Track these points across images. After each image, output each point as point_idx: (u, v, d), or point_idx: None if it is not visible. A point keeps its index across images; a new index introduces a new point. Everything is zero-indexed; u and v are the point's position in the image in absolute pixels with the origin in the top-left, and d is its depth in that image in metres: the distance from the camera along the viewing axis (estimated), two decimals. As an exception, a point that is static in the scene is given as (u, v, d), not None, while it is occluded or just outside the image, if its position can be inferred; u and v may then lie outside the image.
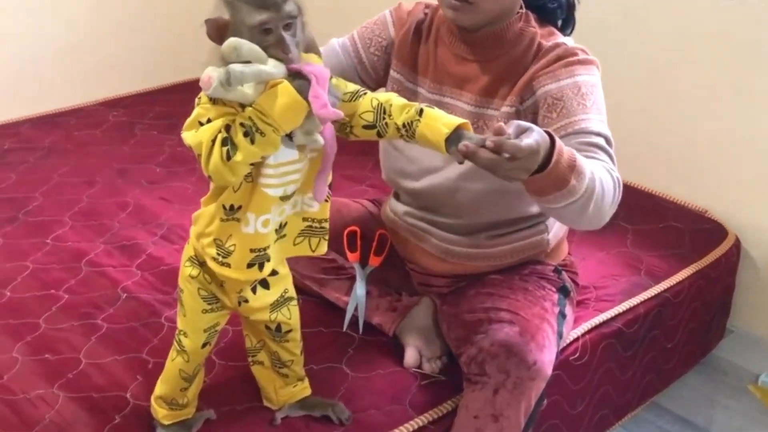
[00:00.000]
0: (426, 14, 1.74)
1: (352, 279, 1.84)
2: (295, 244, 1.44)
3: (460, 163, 1.30)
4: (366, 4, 1.88)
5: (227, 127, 1.26)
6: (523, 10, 1.65)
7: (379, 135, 1.39)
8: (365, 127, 1.39)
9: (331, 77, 1.34)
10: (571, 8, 1.72)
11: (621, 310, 1.90)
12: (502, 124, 1.27)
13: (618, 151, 1.56)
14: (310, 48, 1.36)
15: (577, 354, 1.78)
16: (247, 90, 1.24)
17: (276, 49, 1.26)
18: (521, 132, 1.28)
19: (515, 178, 1.30)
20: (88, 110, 3.08)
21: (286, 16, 1.26)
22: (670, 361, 2.11)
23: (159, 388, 1.52)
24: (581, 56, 1.60)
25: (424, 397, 1.64)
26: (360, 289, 1.81)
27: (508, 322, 1.59)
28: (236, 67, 1.21)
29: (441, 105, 1.67)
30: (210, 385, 1.63)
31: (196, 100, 1.30)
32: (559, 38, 1.64)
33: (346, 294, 1.84)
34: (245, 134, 1.24)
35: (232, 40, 1.22)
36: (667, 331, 2.04)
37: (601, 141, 1.53)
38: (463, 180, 1.65)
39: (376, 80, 1.79)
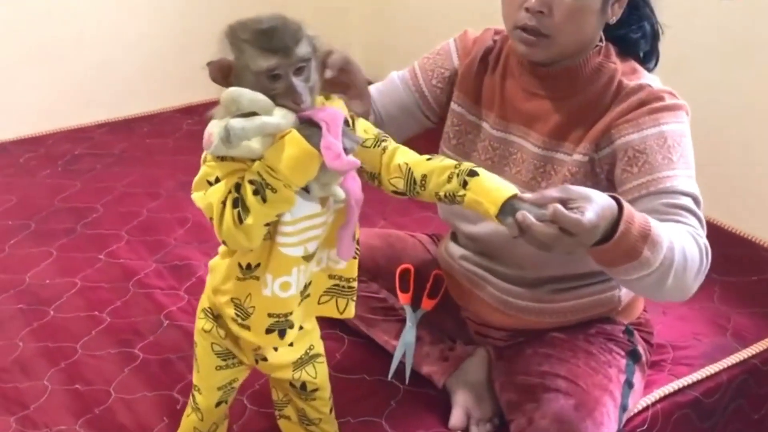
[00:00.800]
0: (495, 42, 1.58)
1: (403, 321, 1.70)
2: (320, 303, 1.31)
3: (515, 237, 1.14)
4: (429, 36, 1.72)
5: (237, 186, 1.13)
6: (603, 43, 1.48)
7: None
8: (395, 192, 1.25)
9: (348, 120, 1.20)
10: (654, 39, 1.53)
11: (700, 377, 1.69)
12: (546, 192, 1.12)
13: (714, 188, 1.37)
14: (347, 74, 1.21)
15: (646, 426, 1.59)
16: (255, 144, 1.10)
17: (285, 98, 1.12)
18: (575, 198, 1.13)
19: (572, 252, 1.15)
20: (163, 117, 3.04)
21: (298, 61, 1.12)
22: (757, 433, 1.89)
23: (176, 442, 1.42)
24: (668, 101, 1.40)
25: (466, 465, 1.49)
26: (409, 334, 1.67)
27: (564, 392, 1.42)
28: (236, 123, 1.08)
29: (507, 144, 1.52)
30: (237, 433, 1.53)
31: (202, 157, 1.17)
32: (644, 77, 1.45)
33: (396, 338, 1.70)
34: (255, 192, 1.11)
35: (231, 91, 1.09)
36: (754, 401, 1.81)
37: (688, 202, 1.35)
38: None
39: (439, 115, 1.64)
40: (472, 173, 1.18)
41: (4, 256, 2.13)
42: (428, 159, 1.23)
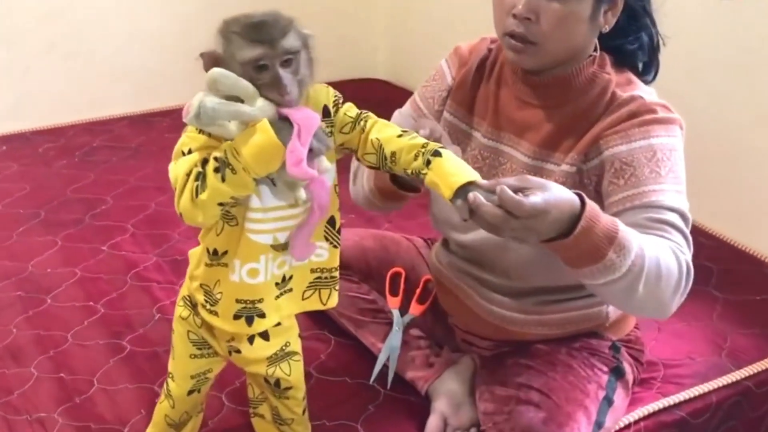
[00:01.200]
0: (490, 51, 1.56)
1: (391, 324, 1.69)
2: (304, 299, 1.30)
3: (464, 220, 1.13)
4: (452, 41, 1.69)
5: (204, 161, 1.14)
6: (597, 53, 1.45)
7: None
8: (370, 167, 1.26)
9: (335, 108, 1.22)
10: (653, 51, 1.50)
11: (688, 397, 1.65)
12: (503, 179, 1.13)
13: (719, 201, 1.33)
14: None
15: (627, 443, 1.56)
16: (232, 126, 1.12)
17: (271, 89, 1.12)
18: (531, 187, 1.12)
19: (522, 240, 1.14)
20: (181, 112, 3.05)
21: (284, 52, 1.12)
22: (752, 457, 1.84)
23: (148, 430, 1.43)
24: (661, 113, 1.37)
25: (435, 474, 1.47)
26: (395, 338, 1.66)
27: (536, 405, 1.40)
28: (209, 103, 1.09)
29: (497, 153, 1.50)
30: (212, 429, 1.53)
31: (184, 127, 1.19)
32: (638, 89, 1.42)
33: (383, 340, 1.69)
34: (216, 170, 1.12)
35: (214, 71, 1.10)
36: (747, 424, 1.76)
37: (674, 218, 1.32)
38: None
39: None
40: (436, 153, 1.17)
41: (11, 243, 2.17)
42: (399, 135, 1.22)
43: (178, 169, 1.16)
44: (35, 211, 2.32)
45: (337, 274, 1.32)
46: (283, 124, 1.12)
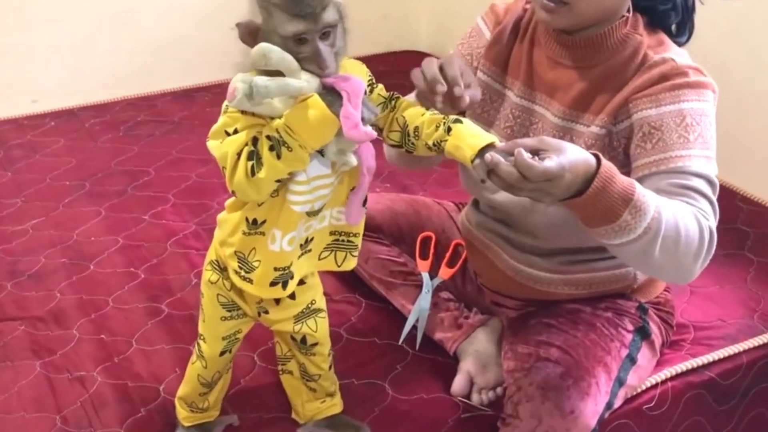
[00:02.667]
0: (525, 10, 1.56)
1: (422, 286, 1.72)
2: (320, 259, 1.34)
3: (482, 181, 1.15)
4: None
5: (254, 140, 1.16)
6: (630, 14, 1.44)
7: (409, 152, 1.27)
8: (393, 146, 1.29)
9: (370, 87, 1.23)
10: (687, 11, 1.47)
11: (716, 358, 1.65)
12: (521, 140, 1.14)
13: (756, 165, 1.32)
14: None
15: (653, 403, 1.56)
16: (277, 103, 1.14)
17: (311, 62, 1.15)
18: (548, 149, 1.13)
19: (538, 200, 1.16)
20: (224, 87, 3.06)
21: (324, 26, 1.14)
22: (786, 419, 1.83)
23: (181, 389, 1.48)
24: (692, 77, 1.35)
25: (459, 431, 1.50)
26: (424, 300, 1.69)
27: (554, 361, 1.41)
28: (260, 81, 1.11)
29: (529, 113, 1.51)
30: (244, 388, 1.59)
31: (223, 106, 1.21)
32: (670, 51, 1.40)
33: (413, 302, 1.72)
34: (271, 148, 1.14)
35: (262, 46, 1.11)
36: (779, 386, 1.76)
37: (700, 184, 1.31)
38: None
39: None
40: (457, 121, 1.21)
41: (57, 213, 2.24)
42: (423, 114, 1.26)
43: (225, 148, 1.17)
44: (80, 183, 2.40)
45: (356, 240, 1.34)
46: (330, 95, 1.14)
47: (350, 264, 1.36)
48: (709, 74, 1.39)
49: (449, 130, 1.20)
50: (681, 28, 1.48)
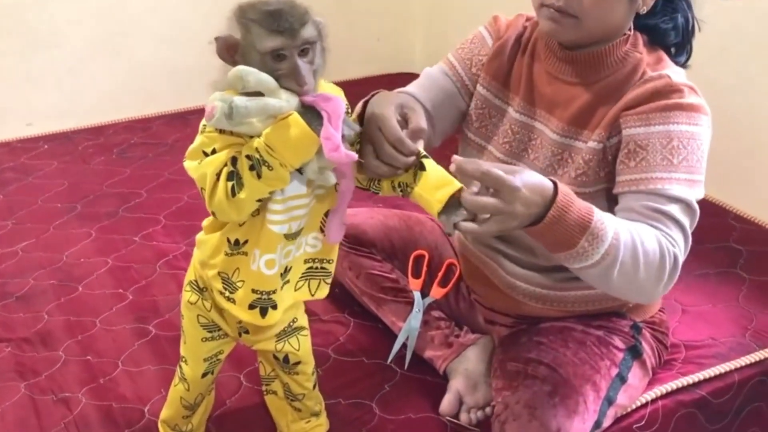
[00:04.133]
0: (525, 27, 1.56)
1: (412, 304, 1.70)
2: (296, 290, 1.32)
3: (449, 234, 1.18)
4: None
5: (233, 160, 1.15)
6: (631, 32, 1.44)
7: (375, 194, 1.31)
8: (358, 187, 1.30)
9: (347, 111, 1.22)
10: (687, 33, 1.46)
11: (707, 376, 1.63)
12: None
13: (748, 183, 1.31)
14: None
15: (643, 422, 1.54)
16: (256, 122, 1.13)
17: (289, 79, 1.14)
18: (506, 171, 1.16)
19: (507, 226, 1.18)
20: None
21: (303, 42, 1.14)
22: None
23: (164, 412, 1.46)
24: (686, 98, 1.34)
25: (447, 451, 1.48)
26: (415, 320, 1.67)
27: (542, 379, 1.40)
28: (240, 102, 1.10)
29: (528, 129, 1.51)
30: (230, 409, 1.57)
31: (200, 126, 1.20)
32: (667, 68, 1.40)
33: (403, 320, 1.70)
34: (251, 168, 1.13)
35: (238, 69, 1.11)
36: (773, 404, 1.74)
37: (675, 209, 1.30)
38: None
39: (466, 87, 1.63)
40: (422, 163, 1.22)
41: (47, 235, 2.23)
42: None
43: (204, 168, 1.17)
44: (72, 205, 2.39)
45: (329, 266, 1.33)
46: (310, 113, 1.14)
47: (323, 292, 1.34)
48: (701, 92, 1.38)
49: (415, 175, 1.23)
50: (680, 49, 1.48)
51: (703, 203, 1.36)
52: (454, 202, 1.18)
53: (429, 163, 1.23)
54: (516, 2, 1.68)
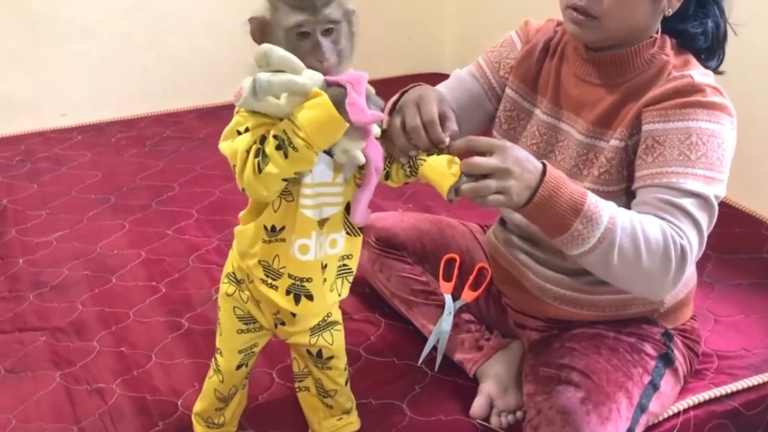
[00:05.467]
0: (556, 32, 1.57)
1: (443, 307, 1.71)
2: (330, 290, 1.33)
3: (450, 200, 1.24)
4: None
5: (262, 138, 1.18)
6: (658, 35, 1.44)
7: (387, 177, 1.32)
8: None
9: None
10: (718, 38, 1.45)
11: (741, 387, 1.62)
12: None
13: None
14: None
15: (675, 431, 1.54)
16: (282, 102, 1.15)
17: (311, 56, 1.17)
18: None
19: (506, 193, 1.20)
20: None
21: (325, 20, 1.17)
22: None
23: (198, 405, 1.48)
24: (708, 97, 1.34)
25: (477, 454, 1.48)
26: (446, 323, 1.68)
27: (575, 385, 1.40)
28: (263, 76, 1.13)
29: (555, 130, 1.51)
30: (262, 404, 1.58)
31: (236, 108, 1.23)
32: (693, 69, 1.40)
33: (434, 323, 1.71)
34: (278, 147, 1.15)
35: (263, 47, 1.14)
36: (805, 419, 1.73)
37: (689, 203, 1.30)
38: None
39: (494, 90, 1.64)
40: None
41: (81, 226, 2.26)
42: None
43: (236, 145, 1.19)
44: (105, 197, 2.42)
45: (349, 262, 1.34)
46: (336, 90, 1.16)
47: (346, 291, 1.36)
48: (734, 102, 1.37)
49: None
50: (710, 54, 1.47)
51: (738, 213, 1.36)
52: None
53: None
54: (548, 3, 1.68)
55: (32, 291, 1.95)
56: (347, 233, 1.30)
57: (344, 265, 1.33)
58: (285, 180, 1.20)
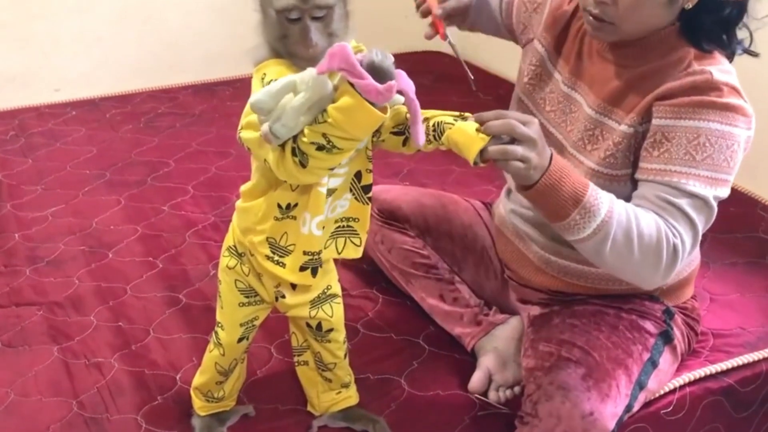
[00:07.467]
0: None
1: (442, 281, 1.73)
2: (325, 248, 1.33)
3: (476, 164, 1.21)
4: None
5: (294, 138, 1.15)
6: (676, 24, 1.40)
7: (404, 143, 1.30)
8: (393, 133, 1.29)
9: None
10: (729, 24, 1.39)
11: (736, 364, 1.63)
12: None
13: None
14: None
15: (671, 408, 1.55)
16: (303, 119, 1.13)
17: (298, 43, 1.17)
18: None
19: (527, 153, 1.21)
20: (246, 82, 3.08)
21: (314, 7, 1.16)
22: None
23: (197, 379, 1.48)
24: (724, 98, 1.32)
25: (475, 429, 1.49)
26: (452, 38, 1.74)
27: (576, 361, 1.40)
28: (278, 129, 1.12)
29: (570, 100, 1.52)
30: (261, 379, 1.59)
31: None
32: (715, 65, 1.36)
33: (431, 296, 1.72)
34: (319, 148, 1.14)
35: (249, 104, 1.13)
36: (800, 396, 1.74)
37: (688, 204, 1.31)
38: None
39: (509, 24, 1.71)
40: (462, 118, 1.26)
41: (77, 201, 2.25)
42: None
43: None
44: (101, 172, 2.41)
45: (355, 225, 1.34)
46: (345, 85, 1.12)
47: (350, 252, 1.35)
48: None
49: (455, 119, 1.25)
50: (729, 41, 1.41)
51: (733, 193, 1.37)
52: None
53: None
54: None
55: (28, 266, 1.94)
56: (355, 199, 1.31)
57: (348, 225, 1.33)
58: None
